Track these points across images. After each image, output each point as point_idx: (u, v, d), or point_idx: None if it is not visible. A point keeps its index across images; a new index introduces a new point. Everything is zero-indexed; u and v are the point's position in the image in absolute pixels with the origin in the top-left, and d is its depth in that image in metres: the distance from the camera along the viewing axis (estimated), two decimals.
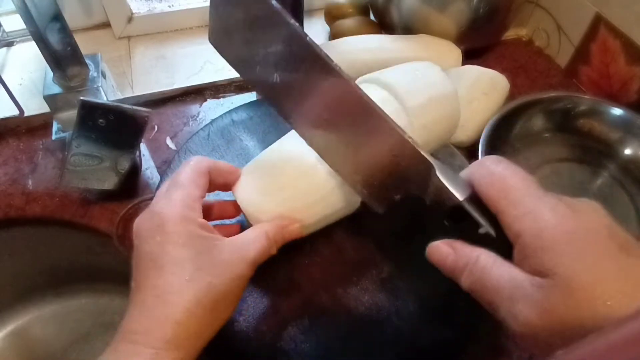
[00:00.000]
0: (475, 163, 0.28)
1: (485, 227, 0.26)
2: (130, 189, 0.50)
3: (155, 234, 0.30)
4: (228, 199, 0.39)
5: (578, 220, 0.23)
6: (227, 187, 0.37)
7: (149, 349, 0.27)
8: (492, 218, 0.26)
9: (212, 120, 0.54)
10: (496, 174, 0.26)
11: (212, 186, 0.36)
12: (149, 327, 0.28)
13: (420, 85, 0.43)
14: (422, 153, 0.28)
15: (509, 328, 0.24)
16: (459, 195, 0.26)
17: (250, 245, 0.33)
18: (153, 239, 0.30)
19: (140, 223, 0.32)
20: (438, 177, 0.27)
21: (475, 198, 0.26)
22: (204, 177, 0.34)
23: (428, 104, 0.43)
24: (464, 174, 0.28)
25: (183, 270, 0.29)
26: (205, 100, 0.61)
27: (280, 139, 0.40)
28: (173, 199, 0.32)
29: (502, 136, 0.54)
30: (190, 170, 0.34)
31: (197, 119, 0.58)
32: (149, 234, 0.31)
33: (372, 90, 0.43)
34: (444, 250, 0.28)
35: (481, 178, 0.27)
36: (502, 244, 0.25)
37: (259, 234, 0.34)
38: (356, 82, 0.46)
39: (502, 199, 0.25)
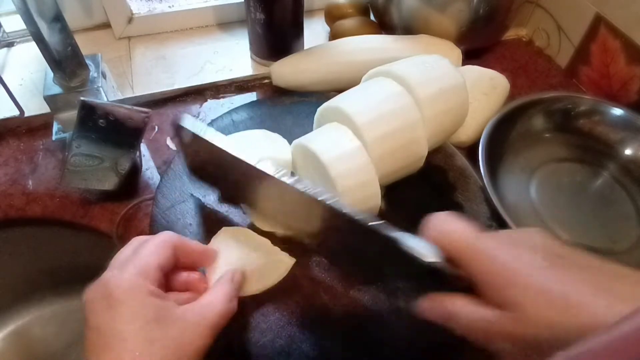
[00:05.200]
0: (427, 224, 0.31)
1: (464, 281, 0.28)
2: (131, 189, 0.50)
3: (101, 306, 0.28)
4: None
5: (519, 255, 0.27)
6: (196, 267, 0.35)
7: None
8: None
9: (212, 121, 0.54)
10: (444, 230, 0.29)
11: (180, 264, 0.34)
12: None
13: (431, 77, 0.43)
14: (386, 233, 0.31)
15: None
16: (432, 259, 0.29)
17: (211, 309, 0.31)
18: (100, 312, 0.28)
19: (88, 294, 0.29)
20: (405, 248, 0.29)
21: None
22: (167, 250, 0.32)
23: (438, 95, 0.43)
24: (424, 235, 0.30)
25: (134, 346, 0.27)
26: (206, 100, 0.61)
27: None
28: (125, 268, 0.30)
29: (502, 136, 0.54)
30: (154, 243, 0.32)
31: (198, 119, 0.58)
32: (95, 307, 0.29)
33: (385, 83, 0.44)
34: (427, 306, 0.30)
35: (435, 237, 0.30)
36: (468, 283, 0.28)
37: (218, 296, 0.32)
38: (367, 75, 0.47)
39: (458, 252, 0.28)
